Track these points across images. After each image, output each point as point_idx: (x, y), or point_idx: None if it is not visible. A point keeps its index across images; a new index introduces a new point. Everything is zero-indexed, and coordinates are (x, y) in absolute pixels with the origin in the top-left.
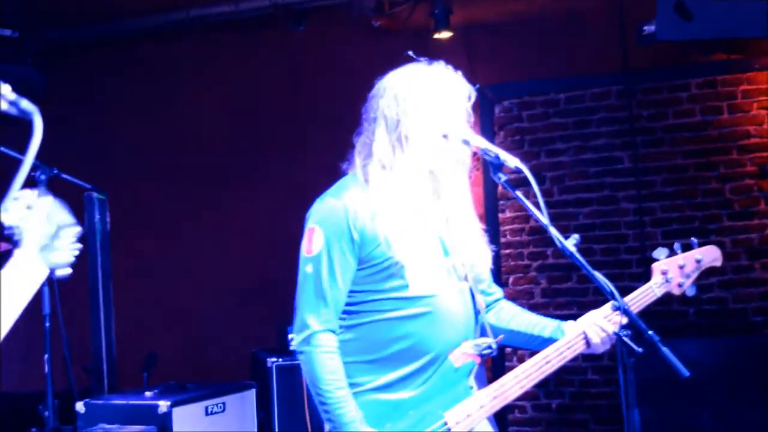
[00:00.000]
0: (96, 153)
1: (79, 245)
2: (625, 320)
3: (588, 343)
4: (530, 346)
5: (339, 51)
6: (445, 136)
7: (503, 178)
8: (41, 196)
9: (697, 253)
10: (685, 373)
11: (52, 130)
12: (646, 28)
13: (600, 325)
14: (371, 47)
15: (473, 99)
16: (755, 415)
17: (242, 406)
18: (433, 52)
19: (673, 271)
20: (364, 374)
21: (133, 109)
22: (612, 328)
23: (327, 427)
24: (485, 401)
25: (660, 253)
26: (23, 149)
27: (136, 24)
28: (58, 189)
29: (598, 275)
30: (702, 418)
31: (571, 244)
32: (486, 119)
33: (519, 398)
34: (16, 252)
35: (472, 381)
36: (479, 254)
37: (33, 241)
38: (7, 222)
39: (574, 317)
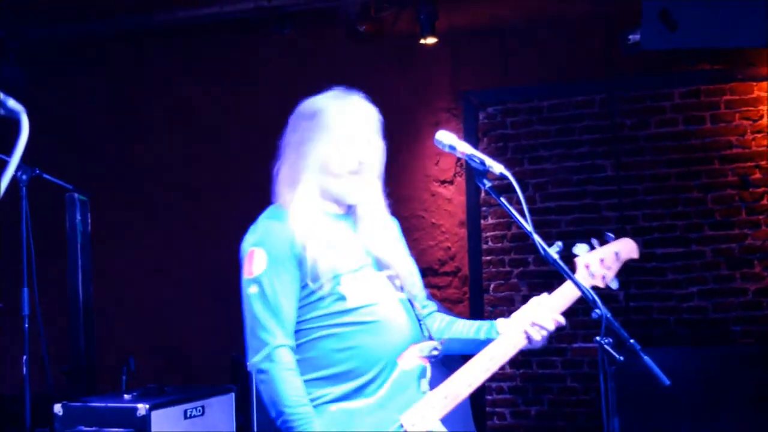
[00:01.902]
0: (78, 153)
1: None
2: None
3: (529, 340)
4: (468, 350)
5: (324, 55)
6: (435, 141)
7: (488, 184)
8: None
9: (614, 245)
10: (666, 381)
11: (34, 129)
12: (631, 37)
13: (539, 323)
14: (357, 52)
15: (380, 129)
16: (735, 424)
17: (221, 409)
18: (418, 57)
19: (595, 265)
20: (320, 389)
21: (117, 109)
22: (551, 326)
23: None
24: (437, 401)
25: (580, 249)
26: (4, 149)
27: (121, 24)
28: (39, 189)
29: (581, 283)
30: (681, 426)
31: (554, 251)
32: (470, 125)
33: (498, 405)
34: None
35: (425, 385)
36: (406, 271)
37: None
38: None
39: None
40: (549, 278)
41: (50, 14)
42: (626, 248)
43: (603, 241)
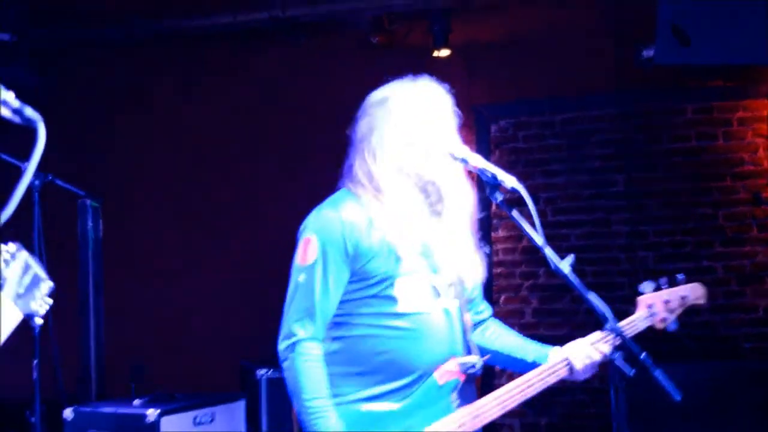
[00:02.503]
0: (90, 157)
1: (51, 300)
2: (613, 344)
3: (571, 370)
4: (514, 368)
5: (337, 67)
6: (431, 153)
7: (500, 197)
8: (20, 250)
9: (682, 289)
10: (678, 396)
11: (46, 133)
12: (644, 51)
13: (587, 353)
14: (370, 64)
15: (458, 113)
16: None
17: (231, 417)
18: (431, 70)
19: (659, 305)
20: (348, 386)
21: (129, 114)
22: (598, 357)
23: None
24: (466, 419)
25: (646, 287)
26: (17, 155)
27: (133, 29)
28: (51, 195)
29: (592, 297)
30: None
31: (566, 265)
32: (482, 138)
33: (508, 416)
34: None
35: (455, 398)
36: (471, 271)
37: (11, 287)
38: None
39: (566, 338)
40: (560, 291)
41: (63, 19)
42: (694, 293)
43: (673, 281)
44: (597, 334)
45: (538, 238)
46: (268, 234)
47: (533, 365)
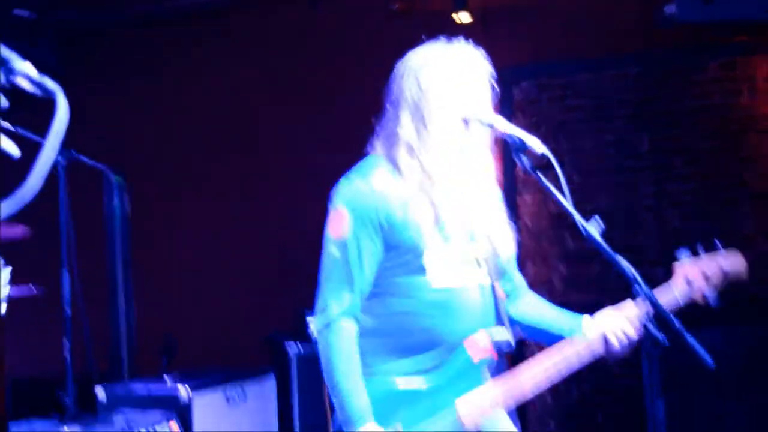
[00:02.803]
0: (114, 136)
1: (8, 287)
2: (646, 311)
3: (608, 348)
4: (549, 341)
5: (355, 33)
6: (467, 119)
7: (528, 163)
8: None
9: (721, 260)
10: (711, 363)
11: (69, 113)
12: (666, 8)
13: (623, 328)
14: (388, 29)
15: (494, 76)
16: None
17: (263, 394)
18: (450, 33)
19: (698, 279)
20: (381, 360)
21: (152, 93)
22: (634, 334)
23: (337, 413)
24: (499, 396)
25: (682, 253)
26: (35, 132)
27: (153, 7)
28: (74, 173)
29: (622, 260)
30: (726, 405)
31: (593, 228)
32: (504, 101)
33: None
34: None
35: (487, 375)
36: (503, 243)
37: None
38: None
39: (594, 304)
40: (588, 256)
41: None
42: (734, 266)
43: (710, 248)
44: (629, 304)
45: (567, 203)
46: (297, 205)
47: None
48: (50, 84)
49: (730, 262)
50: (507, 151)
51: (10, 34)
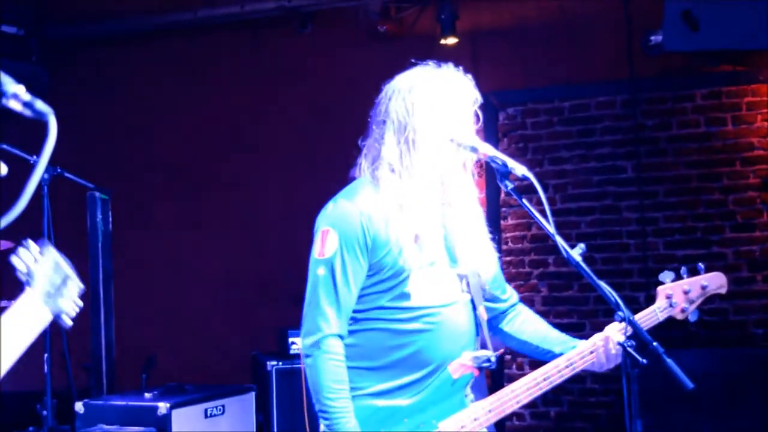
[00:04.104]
0: (99, 151)
1: (80, 302)
2: (626, 332)
3: (592, 363)
4: (541, 357)
5: (344, 55)
6: (452, 141)
7: (510, 186)
8: (47, 247)
9: (702, 279)
10: (690, 385)
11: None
12: (653, 38)
13: (612, 348)
14: (377, 52)
15: (479, 103)
16: (756, 424)
17: (241, 408)
18: (438, 57)
19: (678, 296)
20: (363, 379)
21: (138, 107)
22: (614, 352)
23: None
24: (480, 414)
25: (666, 276)
26: (24, 148)
27: (142, 22)
28: (60, 188)
29: (604, 285)
30: (703, 426)
31: (576, 253)
32: (490, 126)
33: None
34: (24, 295)
35: (468, 392)
36: (486, 262)
37: (41, 286)
38: (18, 266)
39: (575, 326)
40: (569, 279)
41: (71, 13)
42: (715, 282)
43: (694, 271)
44: (614, 325)
45: (549, 226)
46: (279, 226)
47: (559, 357)
48: (41, 106)
49: (710, 280)
50: (491, 174)
51: None
